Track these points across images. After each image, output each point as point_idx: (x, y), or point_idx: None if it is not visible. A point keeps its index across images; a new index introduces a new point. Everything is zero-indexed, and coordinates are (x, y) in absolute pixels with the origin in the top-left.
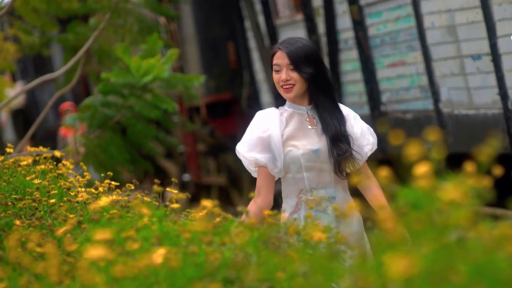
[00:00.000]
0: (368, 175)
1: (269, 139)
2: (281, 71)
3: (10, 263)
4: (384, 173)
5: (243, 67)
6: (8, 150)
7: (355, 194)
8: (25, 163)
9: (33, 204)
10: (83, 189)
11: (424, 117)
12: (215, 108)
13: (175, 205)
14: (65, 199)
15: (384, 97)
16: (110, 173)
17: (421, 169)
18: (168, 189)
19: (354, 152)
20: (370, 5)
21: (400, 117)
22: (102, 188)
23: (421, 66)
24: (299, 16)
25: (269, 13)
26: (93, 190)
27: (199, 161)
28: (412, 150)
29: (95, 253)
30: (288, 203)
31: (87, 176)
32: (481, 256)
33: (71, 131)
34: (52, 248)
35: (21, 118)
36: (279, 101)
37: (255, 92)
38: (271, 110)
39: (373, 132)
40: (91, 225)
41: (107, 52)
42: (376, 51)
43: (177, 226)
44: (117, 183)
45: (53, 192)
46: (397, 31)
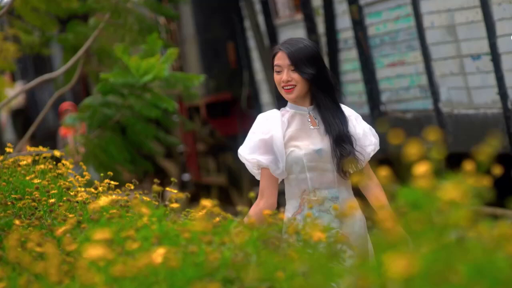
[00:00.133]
0: (370, 175)
1: (271, 140)
2: (282, 72)
3: (10, 262)
4: (384, 172)
5: (242, 67)
6: (7, 149)
7: (358, 194)
8: (24, 163)
9: (33, 204)
10: (82, 189)
11: (424, 116)
12: (215, 108)
13: (175, 205)
14: (64, 198)
15: (384, 97)
16: (110, 173)
17: (421, 168)
18: (167, 188)
19: (357, 152)
20: (370, 4)
21: (399, 116)
22: (102, 188)
23: (420, 66)
24: (299, 16)
25: (268, 13)
26: (92, 190)
27: (199, 161)
28: (411, 149)
29: (94, 252)
30: (291, 204)
31: (87, 176)
32: (481, 256)
33: (71, 131)
34: (51, 247)
35: (21, 118)
36: (281, 102)
37: (255, 92)
38: (272, 112)
39: (375, 132)
40: (90, 224)
41: (107, 51)
42: (375, 51)
43: (177, 226)
44: (116, 183)
45: (52, 191)
46: (397, 30)
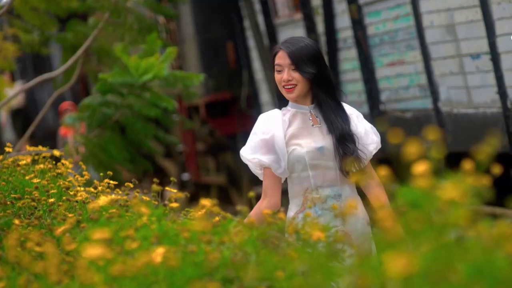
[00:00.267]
0: (371, 174)
1: (272, 140)
2: (282, 71)
3: (9, 262)
4: (383, 172)
5: (242, 67)
6: (7, 149)
7: (361, 192)
8: (24, 162)
9: (32, 204)
10: (82, 188)
11: (423, 116)
12: (214, 108)
13: (174, 204)
14: (64, 198)
15: (383, 96)
16: (109, 172)
17: (420, 168)
18: (167, 188)
19: (359, 151)
20: (369, 4)
21: (399, 116)
22: (101, 187)
23: (420, 65)
24: (298, 16)
25: (268, 12)
26: (92, 190)
27: (198, 161)
28: (411, 149)
29: (94, 252)
30: (294, 203)
31: (86, 175)
32: (480, 255)
33: (71, 130)
34: (51, 247)
35: (21, 118)
36: (282, 101)
37: (254, 92)
38: (273, 112)
39: (376, 131)
40: (90, 224)
41: (106, 51)
42: (375, 50)
43: (176, 225)
44: (116, 183)
45: (52, 191)
46: (396, 30)
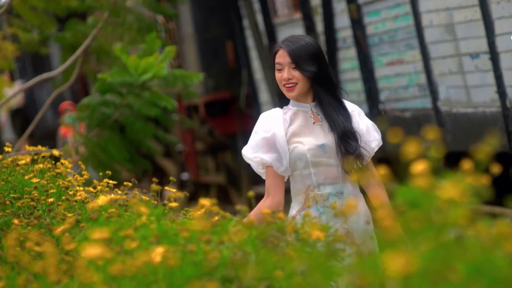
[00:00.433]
0: (373, 173)
1: (273, 138)
2: (283, 70)
3: (9, 262)
4: (382, 171)
5: (241, 66)
6: (6, 149)
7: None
8: (23, 162)
9: (32, 203)
10: (81, 188)
11: (423, 115)
12: (213, 107)
13: (174, 204)
14: (63, 198)
15: (383, 96)
16: (108, 172)
17: (420, 167)
18: (166, 188)
19: (362, 148)
20: (368, 3)
21: (398, 115)
22: (101, 187)
23: (419, 65)
24: (298, 15)
25: (267, 12)
26: (91, 189)
27: (197, 160)
28: (410, 148)
29: (93, 252)
30: (296, 201)
31: (86, 175)
32: (479, 255)
33: (71, 130)
34: (50, 247)
35: (20, 118)
36: (283, 100)
37: (253, 91)
38: (274, 110)
39: (377, 128)
40: (89, 224)
41: (105, 50)
42: (374, 50)
43: (176, 225)
44: (115, 182)
45: (51, 191)
46: (396, 29)
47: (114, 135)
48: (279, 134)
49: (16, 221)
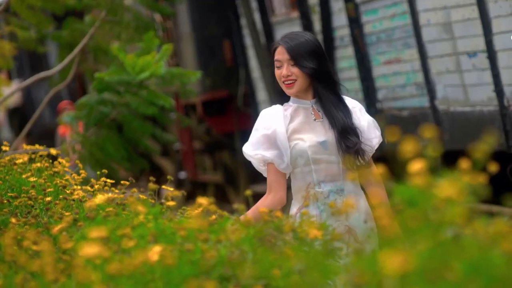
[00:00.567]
0: (373, 171)
1: (274, 135)
2: (282, 67)
3: (6, 261)
4: (380, 170)
5: (239, 65)
6: (4, 148)
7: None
8: (21, 161)
9: (29, 202)
10: (79, 187)
11: (420, 114)
12: (211, 106)
13: (171, 203)
14: (61, 197)
15: (380, 95)
16: (104, 170)
17: (417, 166)
18: (164, 186)
19: (363, 144)
20: (366, 2)
21: (396, 114)
22: (98, 186)
23: (417, 63)
24: (295, 14)
25: (265, 10)
26: (89, 188)
27: (195, 159)
28: (408, 147)
29: (90, 251)
30: (297, 199)
31: (83, 174)
32: (477, 253)
33: (70, 129)
34: (48, 246)
35: (18, 117)
36: (283, 97)
37: (251, 90)
38: (275, 107)
39: (377, 124)
40: (87, 222)
41: (103, 49)
42: (372, 49)
43: (173, 224)
44: (113, 181)
45: (49, 190)
46: (393, 28)
47: (112, 134)
48: (279, 131)
49: (13, 220)
